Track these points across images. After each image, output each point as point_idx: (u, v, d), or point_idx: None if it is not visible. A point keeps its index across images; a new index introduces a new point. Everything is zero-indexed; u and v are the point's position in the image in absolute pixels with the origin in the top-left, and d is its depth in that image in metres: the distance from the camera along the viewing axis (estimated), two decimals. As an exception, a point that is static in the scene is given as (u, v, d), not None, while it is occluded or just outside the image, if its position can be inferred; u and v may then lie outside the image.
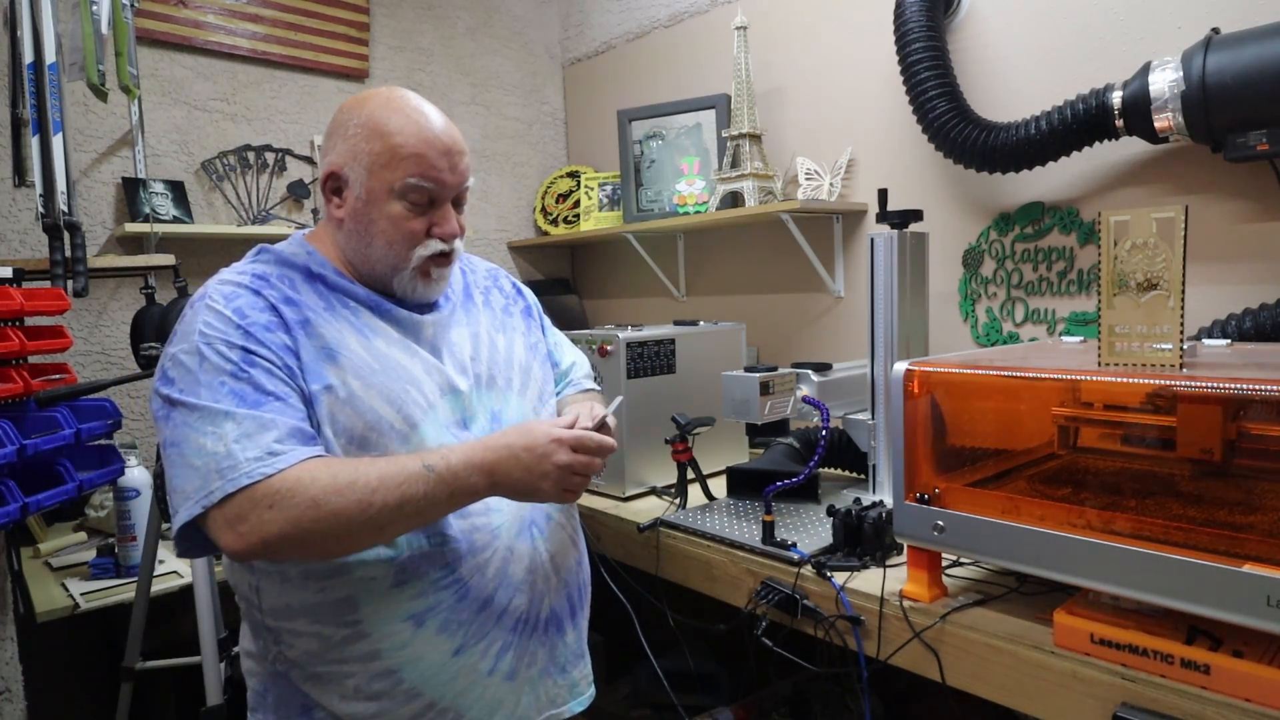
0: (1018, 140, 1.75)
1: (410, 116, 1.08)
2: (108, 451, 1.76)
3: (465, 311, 1.22)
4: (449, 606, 1.05)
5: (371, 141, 1.06)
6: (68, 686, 2.16)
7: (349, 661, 1.02)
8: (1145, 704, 0.98)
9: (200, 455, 0.92)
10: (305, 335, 1.03)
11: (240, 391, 0.95)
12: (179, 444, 0.94)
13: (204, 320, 0.99)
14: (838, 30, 2.32)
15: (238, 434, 0.93)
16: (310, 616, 1.02)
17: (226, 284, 1.05)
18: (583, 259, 3.38)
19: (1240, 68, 1.42)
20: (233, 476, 0.91)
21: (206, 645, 1.56)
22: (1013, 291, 1.99)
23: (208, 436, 0.93)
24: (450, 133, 1.10)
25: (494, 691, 1.08)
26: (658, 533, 1.67)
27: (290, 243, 1.13)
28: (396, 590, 1.02)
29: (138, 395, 2.37)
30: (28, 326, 1.62)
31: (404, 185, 1.06)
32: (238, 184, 2.56)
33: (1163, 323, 1.05)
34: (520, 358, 1.24)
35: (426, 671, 1.04)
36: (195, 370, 0.96)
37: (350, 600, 1.01)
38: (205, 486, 0.92)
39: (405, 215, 1.07)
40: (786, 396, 1.62)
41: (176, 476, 0.94)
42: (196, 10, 2.46)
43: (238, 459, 0.92)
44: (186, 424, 0.94)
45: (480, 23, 3.12)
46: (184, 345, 0.98)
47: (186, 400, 0.95)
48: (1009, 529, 1.11)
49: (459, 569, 1.06)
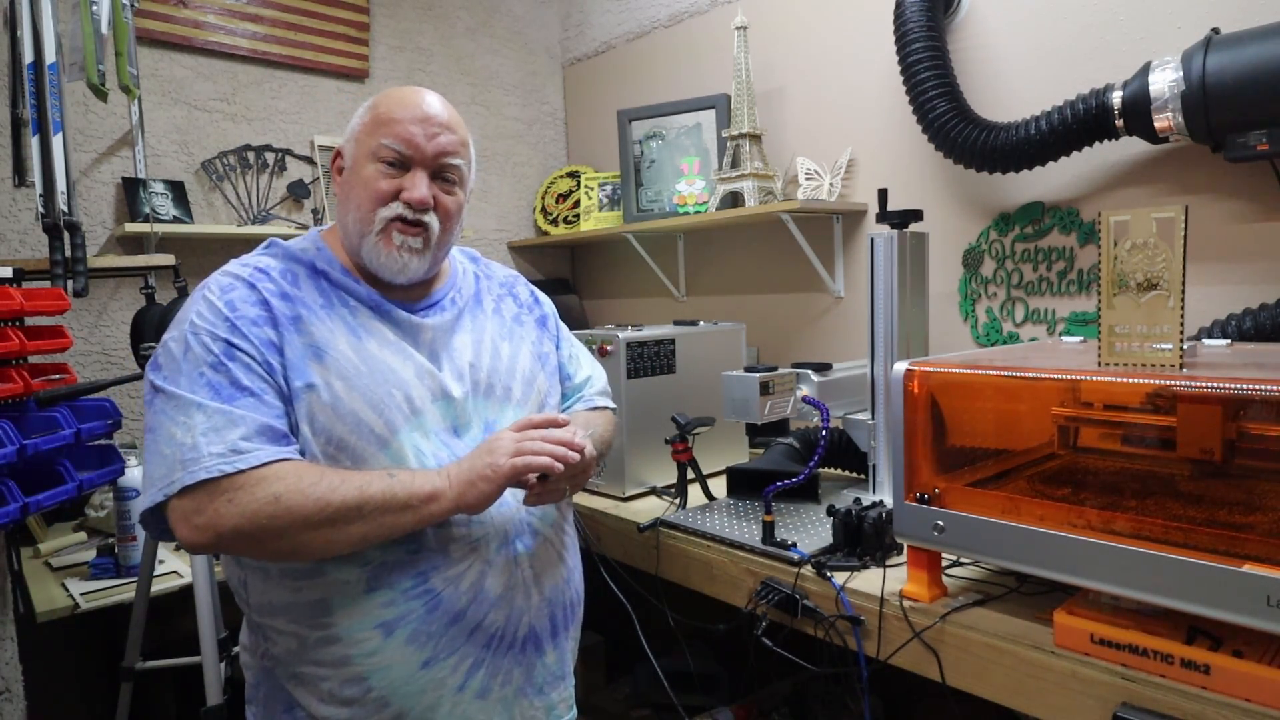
0: (1018, 140, 1.75)
1: (405, 95, 1.12)
2: (108, 451, 1.76)
3: (471, 317, 1.20)
4: (419, 617, 1.02)
5: (364, 116, 1.12)
6: (68, 686, 2.16)
7: (323, 664, 1.02)
8: (1145, 704, 0.98)
9: (170, 444, 0.94)
10: (295, 332, 1.03)
11: (216, 384, 0.96)
12: (154, 430, 0.97)
13: (197, 310, 1.02)
14: (838, 30, 2.32)
15: (205, 427, 0.94)
16: (288, 615, 1.03)
17: (227, 275, 1.07)
18: (583, 259, 3.38)
19: (1240, 68, 1.42)
20: (193, 469, 0.92)
21: (206, 645, 1.56)
22: (1013, 291, 1.99)
23: (179, 426, 0.95)
24: (435, 106, 1.12)
25: (465, 708, 1.05)
26: (658, 533, 1.67)
27: (303, 238, 1.15)
28: (367, 596, 1.01)
29: (138, 395, 2.37)
30: (28, 326, 1.61)
31: (377, 146, 1.09)
32: (238, 184, 2.56)
33: (1163, 323, 1.05)
34: (524, 367, 1.21)
35: (395, 681, 1.02)
36: (179, 359, 0.98)
37: (324, 602, 1.01)
38: (169, 476, 0.93)
39: (376, 176, 1.09)
40: (786, 396, 1.62)
41: (148, 462, 0.97)
42: (196, 10, 2.45)
43: (201, 452, 0.93)
44: (163, 411, 0.96)
45: (480, 23, 3.12)
46: (175, 333, 1.01)
47: (167, 388, 0.97)
48: (1009, 529, 1.11)
49: (431, 579, 1.03)
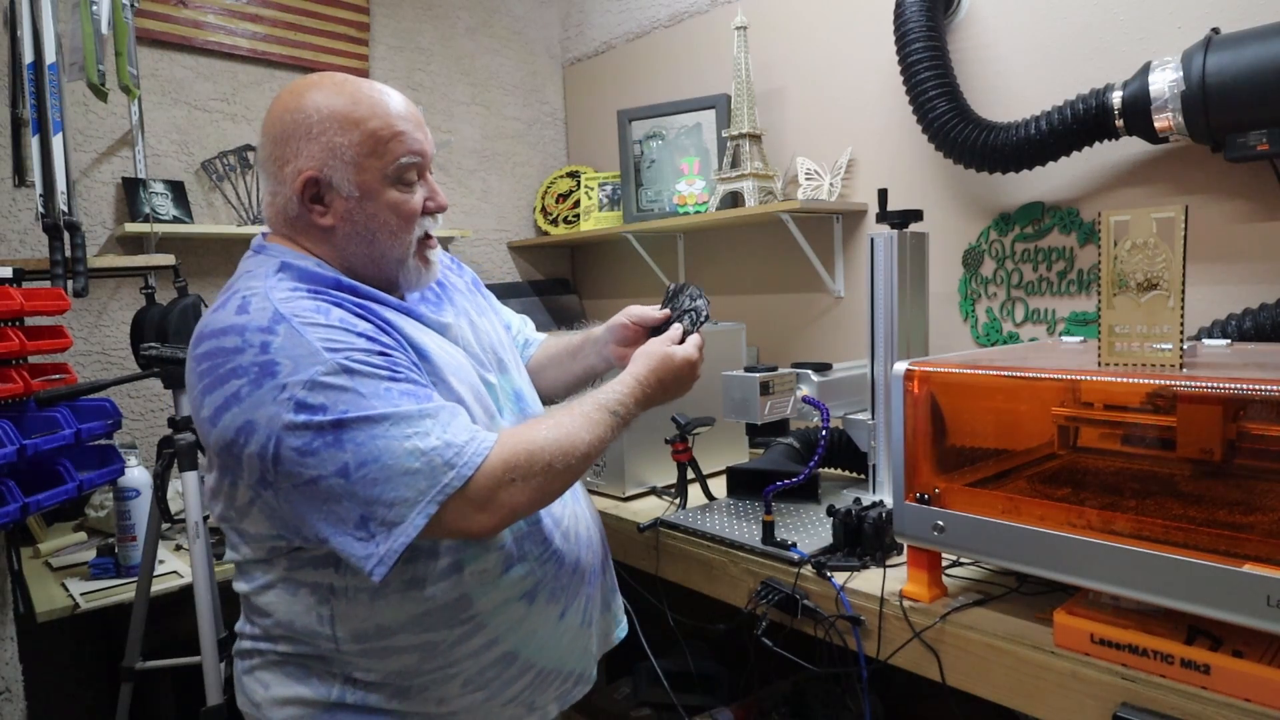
0: (1018, 140, 1.75)
1: (369, 96, 1.03)
2: (108, 451, 1.76)
3: (451, 302, 1.20)
4: (552, 576, 1.10)
5: (347, 133, 1.01)
6: (68, 686, 2.16)
7: (459, 661, 1.03)
8: (1145, 704, 0.98)
9: (414, 458, 0.90)
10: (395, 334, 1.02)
11: (409, 391, 0.93)
12: (376, 458, 0.89)
13: (318, 339, 0.92)
14: (838, 30, 2.32)
15: (440, 426, 0.92)
16: (415, 627, 1.00)
17: (297, 300, 0.96)
18: (583, 259, 3.38)
19: (1240, 68, 1.42)
20: (464, 462, 0.91)
21: (206, 645, 1.56)
22: (1013, 291, 1.99)
23: (413, 438, 0.90)
24: (401, 98, 1.08)
25: (582, 642, 1.17)
26: (658, 533, 1.67)
27: (289, 255, 1.03)
28: (506, 575, 1.05)
29: (138, 395, 2.37)
30: (28, 326, 1.62)
31: (397, 167, 1.03)
32: (238, 184, 2.56)
33: (1163, 323, 1.05)
34: (502, 334, 1.26)
35: (540, 642, 1.09)
36: (352, 387, 0.90)
37: (464, 599, 1.02)
38: (436, 482, 0.90)
39: (402, 198, 1.05)
40: (786, 396, 1.62)
41: (384, 490, 0.89)
42: (196, 10, 2.45)
43: (459, 446, 0.92)
44: (377, 437, 0.89)
45: (480, 23, 3.12)
46: (316, 369, 0.90)
47: (364, 415, 0.90)
48: (1009, 529, 1.11)
49: (554, 541, 1.11)
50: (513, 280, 3.23)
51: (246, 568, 1.05)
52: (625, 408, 1.10)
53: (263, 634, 1.05)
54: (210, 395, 0.93)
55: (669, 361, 1.18)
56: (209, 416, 0.94)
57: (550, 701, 1.14)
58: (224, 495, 0.99)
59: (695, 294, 1.31)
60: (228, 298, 0.99)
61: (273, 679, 1.05)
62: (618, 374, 1.17)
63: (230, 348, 0.92)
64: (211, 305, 1.02)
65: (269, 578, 1.03)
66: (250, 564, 1.04)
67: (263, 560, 1.02)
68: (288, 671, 1.04)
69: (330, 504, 0.90)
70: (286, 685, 1.04)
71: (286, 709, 1.04)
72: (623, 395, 1.11)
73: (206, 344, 0.95)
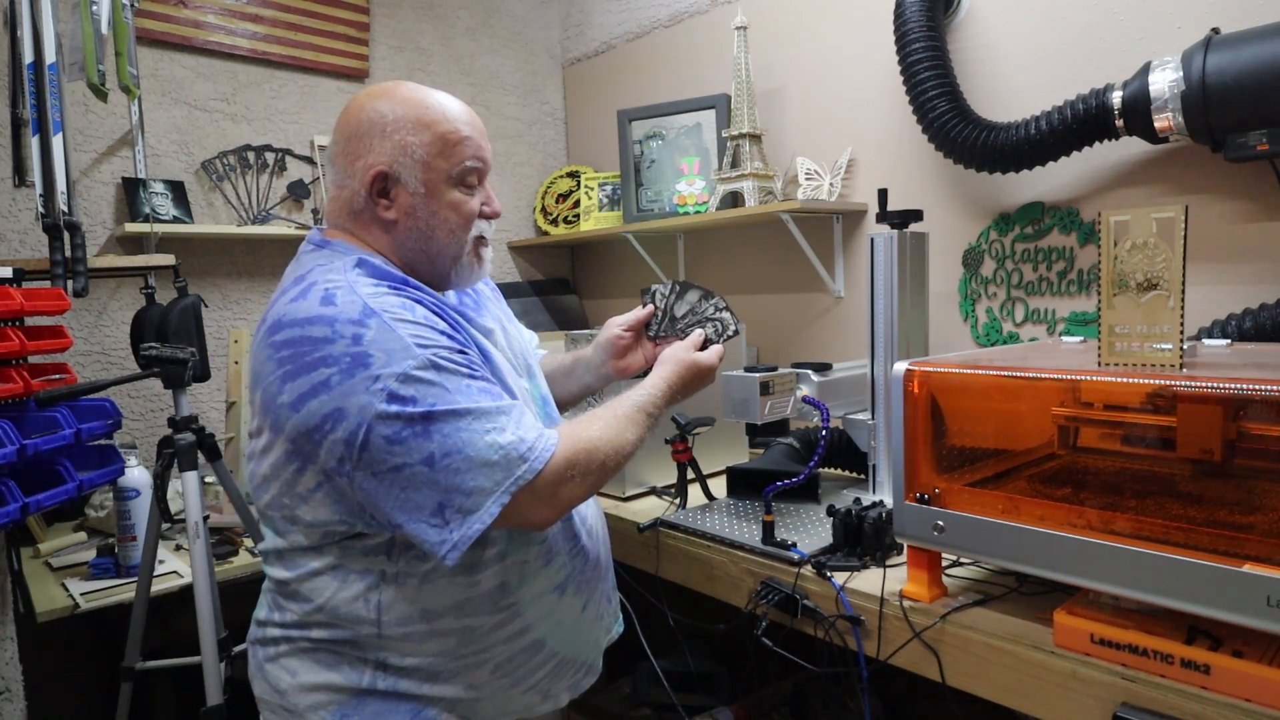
0: (1018, 140, 1.75)
1: (441, 103, 1.11)
2: (108, 451, 1.76)
3: (488, 310, 1.26)
4: (580, 570, 1.17)
5: (419, 133, 1.07)
6: (68, 686, 2.16)
7: (494, 646, 1.08)
8: (1145, 704, 0.98)
9: (493, 451, 0.96)
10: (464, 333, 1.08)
11: (486, 389, 1.00)
12: (460, 449, 0.95)
13: (409, 334, 0.97)
14: (838, 30, 2.32)
15: (514, 423, 0.98)
16: (457, 613, 1.05)
17: (384, 296, 1.00)
18: (583, 259, 3.38)
19: (1240, 68, 1.42)
20: (535, 457, 0.98)
21: (206, 645, 1.56)
22: (1013, 291, 1.99)
23: (491, 433, 0.96)
24: (475, 114, 1.15)
25: (595, 634, 1.23)
26: (658, 533, 1.67)
27: (361, 252, 1.08)
28: (544, 568, 1.11)
29: (138, 395, 2.37)
30: (28, 326, 1.62)
31: (461, 169, 1.10)
32: (238, 184, 2.56)
33: (1163, 323, 1.05)
34: (526, 341, 1.33)
35: (565, 633, 1.15)
36: (440, 382, 0.96)
37: (504, 586, 1.07)
38: (510, 474, 0.96)
39: (463, 199, 1.11)
40: (786, 396, 1.62)
41: (464, 479, 0.95)
42: (196, 10, 2.46)
43: (530, 442, 0.98)
44: (461, 429, 0.95)
45: (480, 23, 3.13)
46: (408, 363, 0.95)
47: (450, 408, 0.95)
48: (1009, 529, 1.11)
49: (581, 537, 1.18)
50: (513, 280, 3.22)
51: (291, 555, 1.07)
52: (657, 409, 1.17)
53: (295, 621, 1.07)
54: (294, 381, 0.96)
55: (695, 369, 1.25)
56: (290, 402, 0.96)
57: (563, 690, 1.19)
58: (282, 481, 1.02)
59: (720, 304, 1.35)
60: (305, 288, 1.01)
61: (300, 666, 1.07)
62: (624, 384, 1.25)
63: (319, 337, 0.95)
64: (280, 294, 1.04)
65: (318, 564, 1.05)
66: (296, 551, 1.06)
67: (313, 547, 1.05)
68: (318, 659, 1.06)
69: (409, 491, 0.95)
70: (315, 672, 1.06)
71: (314, 695, 1.05)
72: (656, 398, 1.18)
73: (288, 331, 0.97)
